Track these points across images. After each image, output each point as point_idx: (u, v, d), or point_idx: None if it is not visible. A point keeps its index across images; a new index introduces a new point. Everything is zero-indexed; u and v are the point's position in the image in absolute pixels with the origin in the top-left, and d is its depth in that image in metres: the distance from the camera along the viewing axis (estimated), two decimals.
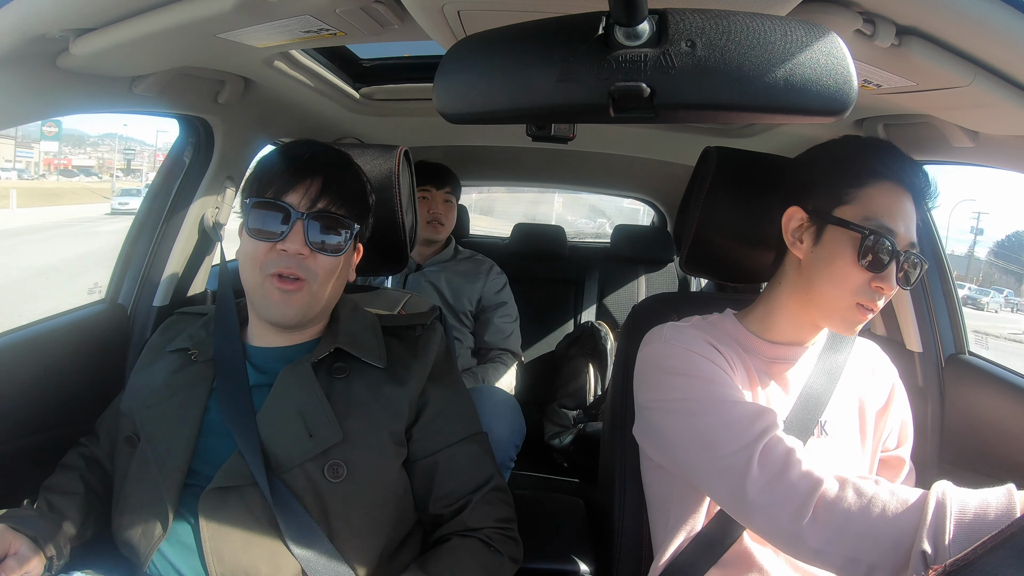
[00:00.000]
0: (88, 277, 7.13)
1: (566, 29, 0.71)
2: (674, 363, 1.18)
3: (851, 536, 0.95)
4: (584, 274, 3.42)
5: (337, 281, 1.25)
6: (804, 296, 1.19)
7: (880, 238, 1.11)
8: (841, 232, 1.14)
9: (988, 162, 1.37)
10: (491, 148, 2.96)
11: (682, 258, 1.48)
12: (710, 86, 0.67)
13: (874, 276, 1.11)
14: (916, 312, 1.72)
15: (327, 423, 1.17)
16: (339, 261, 1.23)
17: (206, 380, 1.24)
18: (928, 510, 0.91)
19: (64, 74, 1.27)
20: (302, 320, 1.24)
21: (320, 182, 1.20)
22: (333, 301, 1.29)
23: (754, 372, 1.21)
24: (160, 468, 1.16)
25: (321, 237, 1.19)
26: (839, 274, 1.13)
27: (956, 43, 0.97)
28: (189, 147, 1.89)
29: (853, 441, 1.23)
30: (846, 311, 1.14)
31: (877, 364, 1.32)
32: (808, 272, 1.18)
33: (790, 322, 1.23)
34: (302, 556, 1.11)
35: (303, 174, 1.21)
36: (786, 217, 1.21)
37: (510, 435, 2.08)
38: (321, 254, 1.19)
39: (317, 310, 1.25)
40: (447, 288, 2.62)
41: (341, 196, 1.22)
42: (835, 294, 1.14)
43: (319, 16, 1.16)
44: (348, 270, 1.30)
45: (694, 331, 1.22)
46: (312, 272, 1.19)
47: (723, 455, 1.07)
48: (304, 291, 1.20)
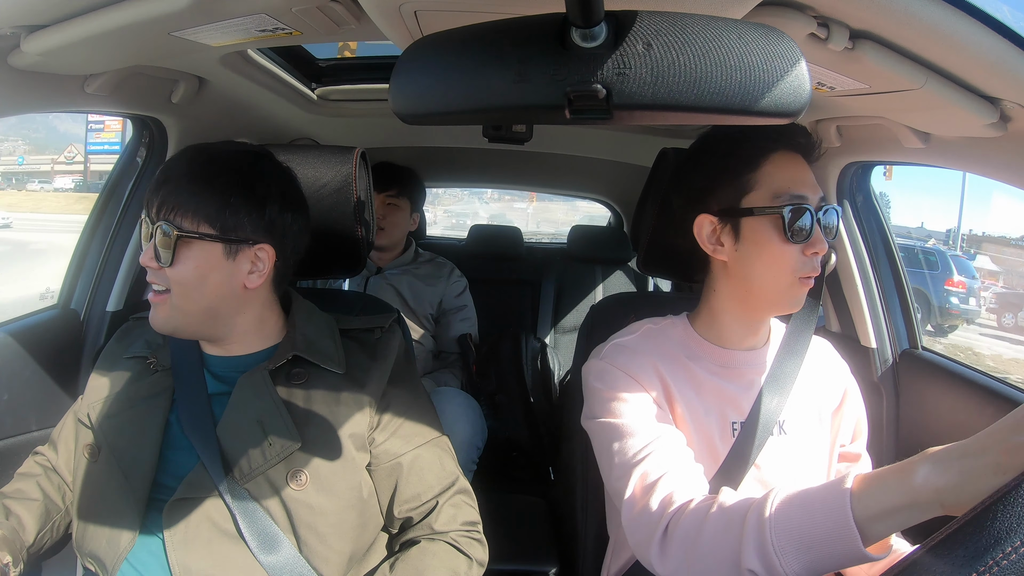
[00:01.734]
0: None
1: (523, 30, 0.71)
2: (600, 383, 1.20)
3: (695, 560, 0.94)
4: (541, 274, 3.42)
5: (204, 290, 1.16)
6: (743, 294, 1.20)
7: (796, 208, 1.12)
8: (758, 220, 1.14)
9: (939, 162, 1.40)
10: (450, 149, 2.94)
11: (639, 258, 1.49)
12: (665, 88, 0.67)
13: (805, 245, 1.13)
14: (870, 308, 1.75)
15: (286, 430, 1.16)
16: (186, 269, 1.14)
17: (167, 390, 1.22)
18: (747, 523, 0.89)
19: (15, 73, 1.24)
20: (177, 330, 1.18)
21: (163, 192, 1.15)
22: (222, 311, 1.20)
23: (704, 377, 1.21)
24: (126, 478, 1.14)
25: (161, 249, 1.13)
26: (772, 258, 1.14)
27: (908, 47, 0.99)
28: (143, 148, 1.85)
29: (812, 439, 1.25)
30: (790, 289, 1.15)
31: (830, 363, 1.34)
32: (739, 270, 1.19)
33: (737, 324, 1.24)
34: (269, 564, 1.10)
35: (156, 185, 1.16)
36: (697, 227, 1.21)
37: (471, 437, 2.09)
38: (165, 266, 1.14)
39: (191, 320, 1.18)
40: (408, 291, 2.61)
41: (180, 201, 1.14)
42: (775, 278, 1.15)
43: (275, 15, 1.14)
44: (228, 276, 1.18)
45: (633, 349, 1.23)
46: (167, 283, 1.15)
47: (613, 476, 1.12)
48: (167, 302, 1.16)
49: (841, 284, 1.81)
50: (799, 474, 1.21)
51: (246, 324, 1.24)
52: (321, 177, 1.43)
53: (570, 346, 3.16)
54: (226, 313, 1.21)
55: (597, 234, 3.62)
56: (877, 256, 1.78)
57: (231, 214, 1.16)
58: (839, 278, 1.81)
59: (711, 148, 1.24)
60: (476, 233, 3.56)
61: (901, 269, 1.80)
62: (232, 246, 1.16)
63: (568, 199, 6.16)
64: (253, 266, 1.20)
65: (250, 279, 1.20)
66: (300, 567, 1.12)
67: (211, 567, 1.10)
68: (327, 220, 1.42)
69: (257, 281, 1.20)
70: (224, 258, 1.16)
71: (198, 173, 1.17)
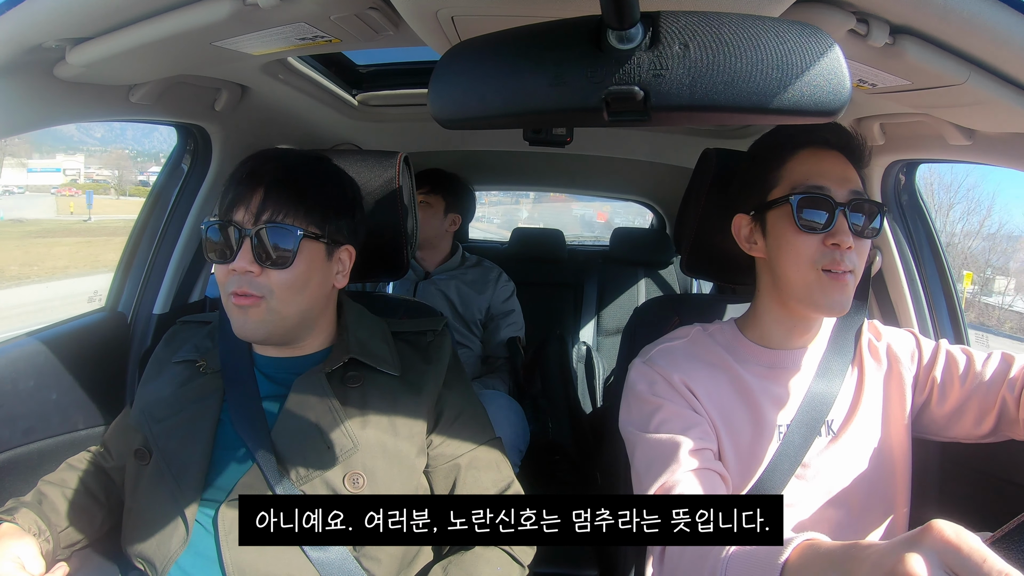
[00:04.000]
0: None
1: (559, 33, 0.71)
2: (643, 385, 1.20)
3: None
4: (583, 277, 3.42)
5: (305, 292, 1.18)
6: (779, 291, 1.19)
7: (810, 197, 1.11)
8: (777, 211, 1.15)
9: (985, 160, 1.37)
10: (490, 152, 2.95)
11: (683, 260, 1.48)
12: (703, 88, 0.67)
13: (825, 236, 1.11)
14: (916, 309, 1.72)
15: (344, 433, 1.17)
16: (296, 272, 1.16)
17: (217, 392, 1.23)
18: (713, 552, 0.88)
19: (61, 83, 1.28)
20: (270, 336, 1.19)
21: (261, 194, 1.15)
22: (312, 312, 1.23)
23: (752, 380, 1.21)
24: (176, 481, 1.16)
25: (268, 251, 1.14)
26: (790, 248, 1.13)
27: (950, 42, 0.97)
28: (187, 155, 1.90)
29: (864, 437, 1.22)
30: (815, 283, 1.12)
31: (890, 348, 1.29)
32: (771, 265, 1.19)
33: (778, 325, 1.23)
34: (319, 561, 1.12)
35: (246, 189, 1.17)
36: (735, 229, 1.24)
37: (514, 440, 2.09)
38: (273, 269, 1.14)
39: (287, 324, 1.19)
40: (457, 298, 2.62)
41: (289, 204, 1.16)
42: (796, 270, 1.14)
43: (313, 23, 1.16)
44: (325, 277, 1.22)
45: (681, 354, 1.23)
46: (266, 287, 1.14)
47: (640, 488, 1.12)
48: (261, 307, 1.14)
49: (887, 285, 1.77)
50: (847, 473, 1.19)
51: (322, 324, 1.28)
52: (365, 181, 1.45)
53: (613, 348, 3.16)
54: (315, 314, 1.24)
55: (639, 236, 3.60)
56: (923, 257, 1.74)
57: (334, 216, 1.21)
58: (884, 279, 1.77)
59: (751, 151, 1.26)
60: (518, 236, 3.56)
61: (948, 270, 1.75)
62: (332, 248, 1.21)
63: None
64: (339, 266, 1.25)
65: (338, 279, 1.25)
66: (350, 566, 1.13)
67: (264, 565, 1.11)
68: (371, 223, 1.44)
69: (343, 281, 1.26)
70: (325, 259, 1.21)
71: (301, 177, 1.20)
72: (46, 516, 1.20)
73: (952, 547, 0.58)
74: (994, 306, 23.42)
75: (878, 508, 1.22)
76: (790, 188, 1.14)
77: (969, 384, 1.19)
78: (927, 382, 1.24)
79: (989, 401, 1.16)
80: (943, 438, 1.27)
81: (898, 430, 1.24)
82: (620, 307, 3.34)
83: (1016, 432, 1.15)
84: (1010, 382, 1.15)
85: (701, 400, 1.18)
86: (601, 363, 2.79)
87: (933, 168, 9.79)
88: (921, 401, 1.25)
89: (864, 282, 1.16)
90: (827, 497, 1.18)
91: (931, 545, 0.59)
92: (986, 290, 24.84)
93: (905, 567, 0.58)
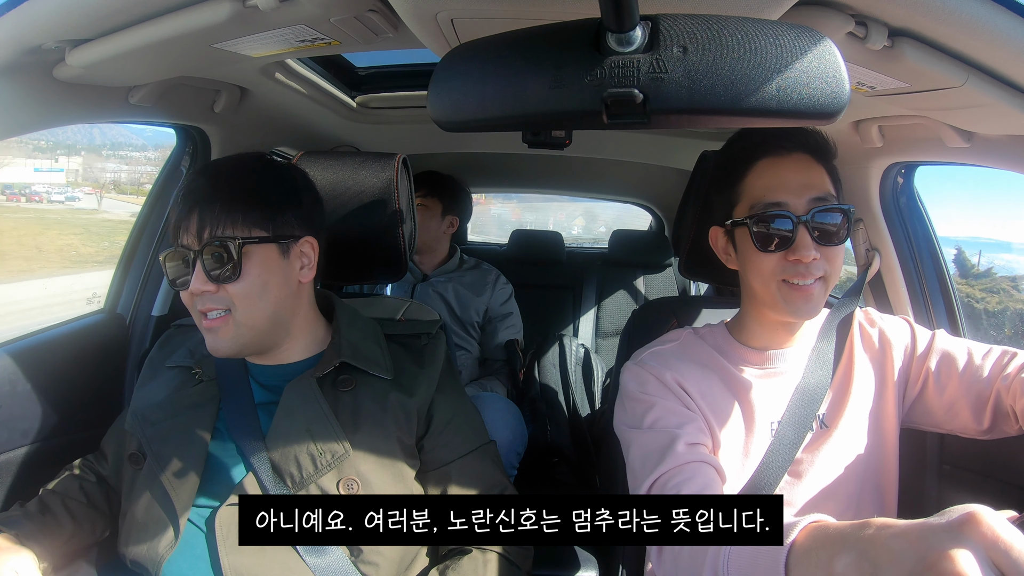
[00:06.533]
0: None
1: (558, 36, 0.71)
2: (636, 386, 1.21)
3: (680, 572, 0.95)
4: (582, 279, 3.41)
5: (267, 296, 1.18)
6: (753, 297, 1.23)
7: (765, 220, 1.13)
8: (741, 229, 1.18)
9: (984, 162, 1.37)
10: (489, 155, 2.95)
11: (681, 262, 1.48)
12: (702, 91, 0.67)
13: (786, 252, 1.13)
14: (914, 312, 1.72)
15: (335, 438, 1.17)
16: (250, 280, 1.15)
17: (212, 400, 1.24)
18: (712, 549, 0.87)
19: (61, 85, 1.28)
20: (243, 348, 1.19)
21: (197, 213, 1.15)
22: (282, 314, 1.22)
23: (743, 380, 1.22)
24: (171, 487, 1.16)
25: (216, 268, 1.14)
26: (753, 266, 1.17)
27: (948, 44, 0.97)
28: (186, 156, 1.89)
29: (856, 428, 1.23)
30: (777, 293, 1.15)
31: (883, 334, 1.31)
32: (742, 275, 1.23)
33: (760, 327, 1.25)
34: (316, 566, 1.12)
35: (185, 211, 1.16)
36: (712, 241, 1.27)
37: (512, 442, 2.09)
38: (227, 283, 1.14)
39: (258, 333, 1.19)
40: (455, 300, 2.62)
41: (224, 216, 1.15)
42: (760, 283, 1.17)
43: (313, 25, 1.16)
44: (285, 276, 1.21)
45: (673, 356, 1.24)
46: (228, 301, 1.15)
47: (636, 484, 1.11)
48: (229, 323, 1.15)
49: (885, 287, 1.77)
50: (839, 465, 1.20)
51: (300, 325, 1.26)
52: (363, 183, 1.45)
53: (612, 350, 3.15)
54: (286, 316, 1.23)
55: (638, 238, 3.60)
56: (922, 260, 1.74)
57: (278, 212, 1.20)
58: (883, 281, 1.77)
59: (716, 160, 1.27)
60: (517, 238, 3.56)
61: (947, 274, 1.75)
62: (285, 244, 1.20)
63: None
64: (302, 260, 1.23)
65: (303, 274, 1.24)
66: (347, 570, 1.13)
67: (261, 569, 1.11)
68: (369, 225, 1.44)
69: (309, 275, 1.25)
70: (280, 258, 1.20)
71: (231, 184, 1.19)
72: (47, 527, 1.21)
73: (1003, 545, 0.52)
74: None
75: (869, 498, 1.23)
76: (748, 208, 1.16)
77: (967, 377, 1.20)
78: (921, 371, 1.25)
79: (985, 395, 1.17)
80: (943, 430, 1.27)
81: (888, 419, 1.25)
82: (619, 309, 3.33)
83: (1009, 426, 1.16)
84: (1005, 376, 1.15)
85: (693, 398, 1.19)
86: (600, 365, 2.78)
87: None
88: (916, 391, 1.26)
89: (859, 282, 1.17)
90: (819, 489, 1.19)
91: (979, 540, 0.53)
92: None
93: (954, 566, 0.52)
